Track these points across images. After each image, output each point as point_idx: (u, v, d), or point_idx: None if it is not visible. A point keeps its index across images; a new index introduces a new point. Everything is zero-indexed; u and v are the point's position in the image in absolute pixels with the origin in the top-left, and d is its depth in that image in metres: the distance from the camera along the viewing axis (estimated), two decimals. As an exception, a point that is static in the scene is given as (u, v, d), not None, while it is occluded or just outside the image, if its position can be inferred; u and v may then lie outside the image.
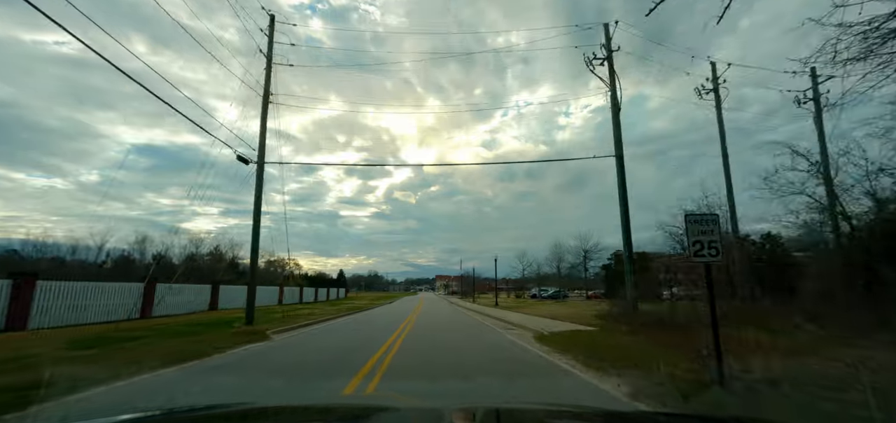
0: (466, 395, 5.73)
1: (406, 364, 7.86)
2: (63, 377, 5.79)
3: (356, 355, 8.94)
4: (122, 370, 6.64)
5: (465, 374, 6.89)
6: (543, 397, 5.55)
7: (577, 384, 6.25)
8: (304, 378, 6.70)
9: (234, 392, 5.79)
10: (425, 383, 6.43)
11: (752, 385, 5.16)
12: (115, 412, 1.96)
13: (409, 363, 8.01)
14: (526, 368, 7.62)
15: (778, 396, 4.82)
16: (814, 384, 5.00)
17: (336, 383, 6.35)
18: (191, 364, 7.62)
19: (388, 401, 3.81)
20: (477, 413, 1.65)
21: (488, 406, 1.98)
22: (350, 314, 24.05)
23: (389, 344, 10.70)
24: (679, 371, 6.06)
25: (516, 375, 6.97)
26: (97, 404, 5.02)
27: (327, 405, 2.87)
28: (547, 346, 10.14)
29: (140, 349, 8.92)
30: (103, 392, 5.50)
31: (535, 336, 12.37)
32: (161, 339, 10.68)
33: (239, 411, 1.88)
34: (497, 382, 6.48)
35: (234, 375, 6.95)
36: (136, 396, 5.42)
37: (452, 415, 1.57)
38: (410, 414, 1.84)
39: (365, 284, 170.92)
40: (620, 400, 5.16)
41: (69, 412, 4.67)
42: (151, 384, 6.13)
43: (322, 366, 7.80)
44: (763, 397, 4.85)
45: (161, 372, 6.85)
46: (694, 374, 5.86)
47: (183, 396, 5.42)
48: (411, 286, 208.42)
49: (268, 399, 5.27)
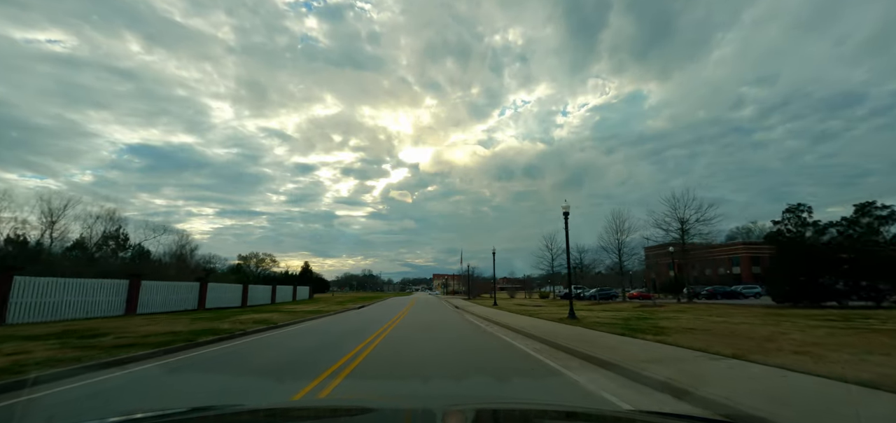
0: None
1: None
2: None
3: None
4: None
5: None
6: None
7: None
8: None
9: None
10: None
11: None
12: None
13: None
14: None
15: None
16: None
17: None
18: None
19: (384, 402, 2.57)
20: (467, 413, 1.64)
21: (480, 406, 1.94)
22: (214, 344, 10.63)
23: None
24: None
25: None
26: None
27: (327, 406, 2.63)
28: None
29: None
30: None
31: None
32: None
33: (231, 412, 1.84)
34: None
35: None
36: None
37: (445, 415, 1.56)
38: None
39: (357, 284, 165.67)
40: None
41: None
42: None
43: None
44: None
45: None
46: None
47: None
48: (408, 286, 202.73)
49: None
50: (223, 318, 17.11)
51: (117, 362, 7.27)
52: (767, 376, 5.64)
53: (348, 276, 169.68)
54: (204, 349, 9.43)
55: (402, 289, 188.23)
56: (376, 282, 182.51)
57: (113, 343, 9.10)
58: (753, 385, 5.10)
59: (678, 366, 6.44)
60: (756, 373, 5.84)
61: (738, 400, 4.42)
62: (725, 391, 4.84)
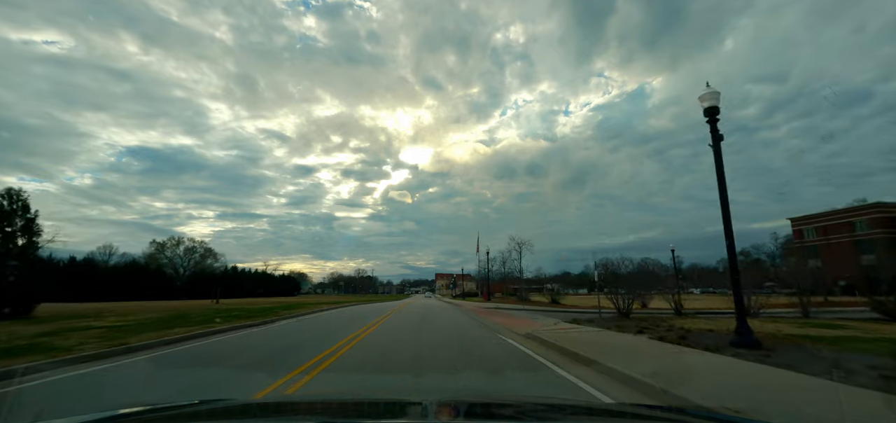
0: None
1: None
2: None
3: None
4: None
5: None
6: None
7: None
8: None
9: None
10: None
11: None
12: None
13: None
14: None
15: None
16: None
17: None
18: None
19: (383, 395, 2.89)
20: (460, 407, 1.66)
21: (472, 399, 2.04)
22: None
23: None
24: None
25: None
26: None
27: (322, 400, 2.67)
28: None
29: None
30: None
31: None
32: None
33: (222, 407, 1.80)
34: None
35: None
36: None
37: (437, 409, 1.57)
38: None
39: (345, 285, 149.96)
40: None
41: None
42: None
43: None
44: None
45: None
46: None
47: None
48: (407, 288, 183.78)
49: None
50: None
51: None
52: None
53: (341, 277, 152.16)
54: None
55: (401, 291, 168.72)
56: (374, 284, 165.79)
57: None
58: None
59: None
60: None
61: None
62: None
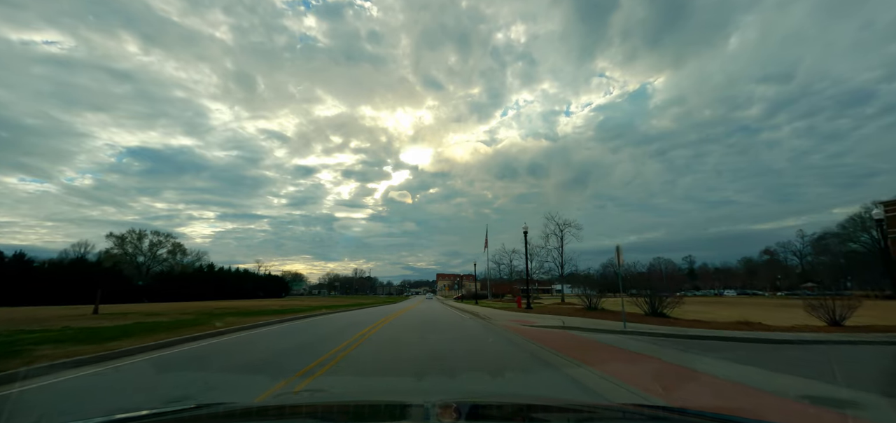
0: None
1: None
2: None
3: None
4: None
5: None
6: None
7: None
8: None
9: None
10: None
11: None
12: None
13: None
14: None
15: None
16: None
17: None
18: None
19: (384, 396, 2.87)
20: (462, 407, 1.65)
21: (468, 400, 2.01)
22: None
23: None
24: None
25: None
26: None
27: (322, 402, 2.48)
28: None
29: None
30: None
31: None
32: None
33: (225, 411, 1.82)
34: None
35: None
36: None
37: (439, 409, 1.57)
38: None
39: (341, 285, 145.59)
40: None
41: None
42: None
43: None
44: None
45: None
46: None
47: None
48: (408, 289, 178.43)
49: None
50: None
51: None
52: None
53: (337, 277, 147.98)
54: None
55: (400, 292, 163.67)
56: (373, 285, 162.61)
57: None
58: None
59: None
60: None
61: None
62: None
